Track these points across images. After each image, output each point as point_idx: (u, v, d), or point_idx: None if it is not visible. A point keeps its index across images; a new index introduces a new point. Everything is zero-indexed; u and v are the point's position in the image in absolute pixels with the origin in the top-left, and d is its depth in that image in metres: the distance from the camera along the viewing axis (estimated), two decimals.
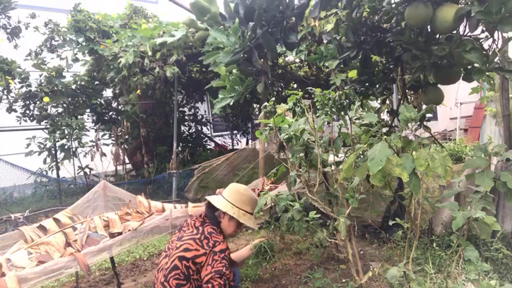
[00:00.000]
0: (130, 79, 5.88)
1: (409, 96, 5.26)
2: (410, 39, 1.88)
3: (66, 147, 6.21)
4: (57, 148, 6.28)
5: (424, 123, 1.88)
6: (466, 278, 2.65)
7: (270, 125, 2.64)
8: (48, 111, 6.48)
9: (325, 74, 7.17)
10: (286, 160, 2.81)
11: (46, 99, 6.11)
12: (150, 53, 5.60)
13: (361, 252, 3.59)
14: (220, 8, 2.23)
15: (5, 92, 6.24)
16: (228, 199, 2.17)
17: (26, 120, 6.54)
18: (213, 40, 2.29)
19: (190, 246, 1.93)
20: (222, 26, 2.27)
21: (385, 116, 3.81)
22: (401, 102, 2.48)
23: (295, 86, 8.38)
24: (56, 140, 6.03)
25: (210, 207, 2.19)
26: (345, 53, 2.21)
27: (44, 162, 6.34)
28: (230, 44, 2.19)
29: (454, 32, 1.74)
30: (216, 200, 2.15)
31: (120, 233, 2.48)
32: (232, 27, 2.14)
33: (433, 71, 1.94)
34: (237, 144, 11.52)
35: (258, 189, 3.94)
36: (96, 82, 6.95)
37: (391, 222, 2.55)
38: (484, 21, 1.56)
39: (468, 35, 1.74)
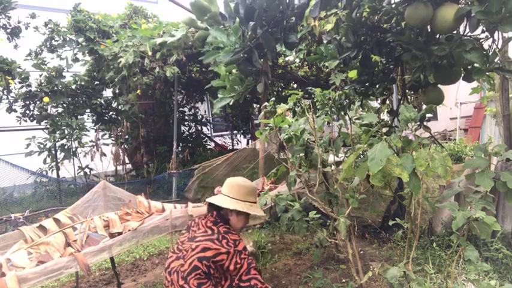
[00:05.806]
0: (130, 79, 5.88)
1: (409, 96, 5.26)
2: (410, 39, 1.87)
3: (66, 147, 6.21)
4: (57, 148, 6.28)
5: (424, 123, 1.87)
6: (466, 278, 2.65)
7: (270, 125, 2.64)
8: (48, 111, 6.49)
9: (325, 74, 7.17)
10: (286, 160, 2.81)
11: (46, 99, 6.12)
12: (150, 53, 5.61)
13: (361, 252, 3.59)
14: (220, 8, 2.23)
15: (5, 92, 6.24)
16: (230, 196, 2.12)
17: (26, 120, 6.55)
18: (213, 39, 2.28)
19: (210, 246, 1.91)
20: (222, 26, 2.27)
21: (385, 116, 3.81)
22: (401, 102, 2.48)
23: (295, 86, 8.38)
24: (56, 140, 6.03)
25: (213, 206, 2.14)
26: (345, 53, 2.21)
27: (44, 162, 6.35)
28: (230, 43, 2.19)
29: (454, 32, 1.74)
30: (219, 200, 2.10)
31: (120, 233, 2.48)
32: (232, 26, 2.14)
33: (433, 71, 1.94)
34: (237, 144, 11.51)
35: (258, 189, 3.94)
36: (96, 82, 6.96)
37: (391, 222, 2.55)
38: (484, 21, 1.56)
39: (468, 35, 1.74)
